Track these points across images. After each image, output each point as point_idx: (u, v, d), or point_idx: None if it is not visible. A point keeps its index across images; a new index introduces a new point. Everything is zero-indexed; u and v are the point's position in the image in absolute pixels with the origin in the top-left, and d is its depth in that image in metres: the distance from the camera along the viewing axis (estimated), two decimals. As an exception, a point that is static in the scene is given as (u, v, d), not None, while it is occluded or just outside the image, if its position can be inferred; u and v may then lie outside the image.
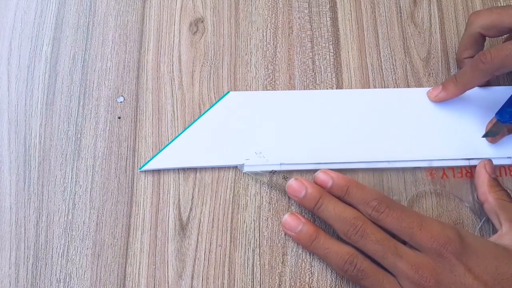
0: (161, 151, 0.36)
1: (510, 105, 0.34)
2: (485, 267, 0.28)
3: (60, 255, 0.34)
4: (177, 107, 0.37)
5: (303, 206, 0.34)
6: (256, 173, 0.35)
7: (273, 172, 0.35)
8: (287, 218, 0.33)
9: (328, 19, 0.40)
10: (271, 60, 0.39)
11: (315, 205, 0.32)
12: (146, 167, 0.35)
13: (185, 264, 0.33)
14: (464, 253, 0.28)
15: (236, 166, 0.36)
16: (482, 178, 0.34)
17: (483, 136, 0.35)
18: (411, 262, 0.29)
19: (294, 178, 0.34)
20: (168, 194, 0.35)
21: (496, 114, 0.34)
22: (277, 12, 0.40)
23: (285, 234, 0.34)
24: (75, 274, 0.33)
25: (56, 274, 0.33)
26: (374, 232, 0.30)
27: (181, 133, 0.36)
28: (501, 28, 0.34)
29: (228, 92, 0.38)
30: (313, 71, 0.39)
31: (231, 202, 0.35)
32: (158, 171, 0.35)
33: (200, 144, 0.36)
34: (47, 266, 0.33)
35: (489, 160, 0.34)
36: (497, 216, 0.32)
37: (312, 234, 0.32)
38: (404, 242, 0.30)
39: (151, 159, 0.35)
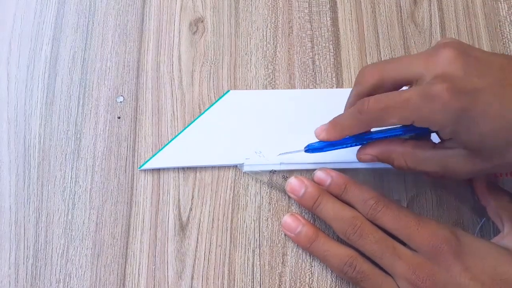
0: (160, 150, 0.36)
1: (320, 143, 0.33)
2: (482, 267, 0.28)
3: (60, 255, 0.34)
4: (177, 107, 0.37)
5: (301, 205, 0.34)
6: (256, 173, 0.35)
7: (273, 172, 0.35)
8: (286, 219, 0.33)
9: (328, 18, 0.40)
10: (271, 60, 0.39)
11: (313, 204, 0.32)
12: (145, 166, 0.35)
13: (185, 264, 0.33)
14: (461, 253, 0.28)
15: (236, 166, 0.35)
16: (481, 183, 0.34)
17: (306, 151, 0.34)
18: (408, 262, 0.29)
19: (294, 177, 0.34)
20: (168, 194, 0.35)
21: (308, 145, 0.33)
22: (277, 11, 0.40)
23: (285, 235, 0.34)
24: (74, 274, 0.33)
25: (55, 274, 0.33)
26: (373, 232, 0.30)
27: (180, 132, 0.36)
28: (387, 86, 0.29)
29: (228, 91, 0.38)
30: (313, 71, 0.39)
31: (231, 202, 0.35)
32: (158, 171, 0.35)
33: (200, 143, 0.36)
34: (47, 266, 0.33)
35: None
36: (499, 218, 0.32)
37: (311, 235, 0.32)
38: (402, 243, 0.30)
39: (150, 158, 0.35)
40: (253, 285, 0.33)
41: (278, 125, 0.36)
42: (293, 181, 0.33)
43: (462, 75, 0.25)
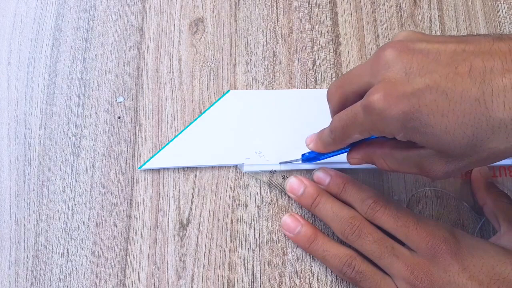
0: (161, 150, 0.36)
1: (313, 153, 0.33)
2: (480, 267, 0.28)
3: (60, 255, 0.34)
4: (177, 107, 0.37)
5: (300, 204, 0.34)
6: (256, 173, 0.35)
7: (273, 172, 0.35)
8: (286, 219, 0.33)
9: (328, 19, 0.40)
10: (271, 60, 0.39)
11: (312, 203, 0.32)
12: (146, 166, 0.35)
13: (185, 264, 0.33)
14: (459, 252, 0.28)
15: (236, 166, 0.35)
16: (479, 183, 0.34)
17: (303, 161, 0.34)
18: (406, 262, 0.29)
19: (293, 176, 0.34)
20: (168, 194, 0.35)
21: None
22: (277, 12, 0.40)
23: (285, 235, 0.34)
24: (75, 274, 0.33)
25: (56, 274, 0.33)
26: (371, 232, 0.30)
27: (181, 132, 0.36)
28: (352, 100, 0.28)
29: (228, 91, 0.38)
30: (313, 71, 0.39)
31: (231, 202, 0.35)
32: (158, 171, 0.35)
33: (200, 143, 0.36)
34: (47, 266, 0.33)
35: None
36: (496, 218, 0.32)
37: (310, 236, 0.32)
38: (401, 243, 0.30)
39: (151, 158, 0.35)
40: (253, 285, 0.33)
41: (278, 125, 0.36)
42: (292, 181, 0.33)
43: (403, 77, 0.24)
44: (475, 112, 0.22)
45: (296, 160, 0.35)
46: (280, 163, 0.35)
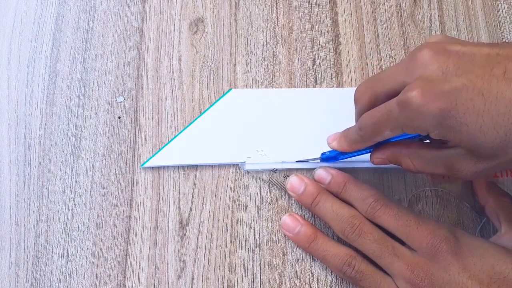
0: (163, 148, 0.36)
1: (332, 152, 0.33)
2: (481, 266, 0.28)
3: (60, 255, 0.34)
4: (177, 107, 0.37)
5: (300, 203, 0.34)
6: (257, 171, 0.35)
7: (274, 171, 0.35)
8: (285, 219, 0.33)
9: (328, 18, 0.40)
10: (271, 60, 0.39)
11: (312, 202, 0.32)
12: (147, 164, 0.35)
13: (185, 264, 0.33)
14: (459, 252, 0.28)
15: (237, 164, 0.35)
16: (480, 182, 0.34)
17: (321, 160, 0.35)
18: (407, 262, 0.29)
19: (294, 175, 0.34)
20: (168, 194, 0.35)
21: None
22: (277, 11, 0.40)
23: (285, 235, 0.34)
24: (75, 274, 0.33)
25: (56, 274, 0.33)
26: (372, 231, 0.30)
27: (182, 130, 0.36)
28: (382, 100, 0.28)
29: (231, 89, 0.38)
30: (313, 71, 0.39)
31: (231, 202, 0.35)
32: (158, 171, 0.35)
33: (202, 141, 0.36)
34: (47, 266, 0.33)
35: None
36: (497, 217, 0.32)
37: (310, 235, 0.32)
38: (401, 242, 0.30)
39: (152, 155, 0.35)
40: (253, 285, 0.33)
41: (280, 124, 0.36)
42: (293, 179, 0.33)
43: (440, 76, 0.24)
44: (509, 113, 0.23)
45: (314, 159, 0.35)
46: (297, 161, 0.35)
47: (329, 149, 0.32)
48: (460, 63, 0.24)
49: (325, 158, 0.34)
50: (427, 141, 0.30)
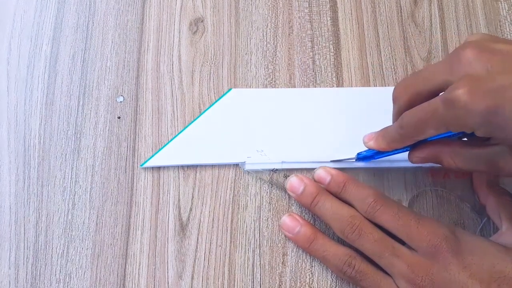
0: (163, 147, 0.36)
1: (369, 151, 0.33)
2: (481, 265, 0.28)
3: (60, 255, 0.34)
4: (177, 107, 0.37)
5: (300, 203, 0.34)
6: (257, 171, 0.35)
7: (274, 171, 0.35)
8: (285, 219, 0.33)
9: (329, 18, 0.40)
10: (271, 59, 0.39)
11: (311, 202, 0.32)
12: (147, 164, 0.35)
13: (185, 264, 0.33)
14: (460, 251, 0.28)
15: (237, 164, 0.35)
16: (480, 181, 0.34)
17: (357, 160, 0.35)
18: (407, 261, 0.29)
19: (294, 175, 0.34)
20: (168, 194, 0.35)
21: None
22: (277, 11, 0.40)
23: (285, 235, 0.34)
24: (75, 274, 0.33)
25: (55, 274, 0.33)
26: (372, 231, 0.30)
27: (182, 130, 0.36)
28: (423, 98, 0.28)
29: (231, 89, 0.38)
30: (313, 71, 0.39)
31: (231, 202, 0.35)
32: (158, 171, 0.35)
33: (202, 141, 0.36)
34: (47, 266, 0.33)
35: None
36: (498, 215, 0.32)
37: (310, 236, 0.32)
38: (401, 241, 0.30)
39: (152, 155, 0.35)
40: (253, 285, 0.33)
41: (280, 124, 0.36)
42: (293, 179, 0.33)
43: (485, 74, 0.25)
44: None
45: (349, 159, 0.35)
46: (332, 161, 0.35)
47: (365, 148, 0.32)
48: (504, 61, 0.25)
49: (361, 157, 0.34)
50: (465, 138, 0.30)
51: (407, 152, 0.32)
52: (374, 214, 0.30)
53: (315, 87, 0.38)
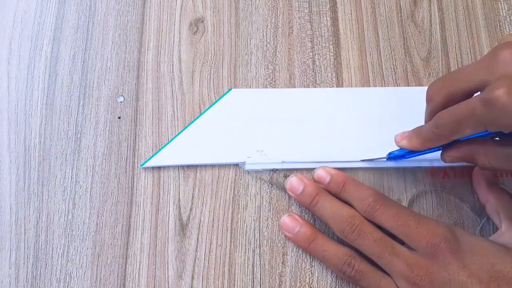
0: (162, 148, 0.36)
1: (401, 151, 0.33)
2: (481, 265, 0.28)
3: (60, 255, 0.34)
4: (177, 107, 0.37)
5: (300, 203, 0.34)
6: (257, 171, 0.35)
7: (274, 171, 0.35)
8: (285, 219, 0.33)
9: (328, 18, 0.40)
10: (271, 60, 0.39)
11: (311, 202, 0.32)
12: (147, 164, 0.35)
13: (185, 264, 0.33)
14: (459, 251, 0.28)
15: (237, 164, 0.35)
16: (480, 181, 0.34)
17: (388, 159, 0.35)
18: (407, 261, 0.29)
19: (294, 175, 0.34)
20: (168, 194, 0.35)
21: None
22: (277, 12, 0.40)
23: (284, 235, 0.34)
24: (75, 274, 0.33)
25: (56, 274, 0.33)
26: (371, 231, 0.30)
27: (182, 130, 0.36)
28: (458, 98, 0.28)
29: (231, 89, 0.38)
30: (313, 71, 0.39)
31: (231, 202, 0.35)
32: (158, 171, 0.35)
33: (202, 141, 0.36)
34: (47, 266, 0.33)
35: None
36: (498, 215, 0.32)
37: (309, 235, 0.32)
38: (400, 241, 0.30)
39: (152, 155, 0.35)
40: (253, 285, 0.33)
41: (280, 124, 0.36)
42: (292, 179, 0.34)
43: None
44: None
45: (380, 159, 0.35)
46: (362, 160, 0.35)
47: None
48: None
49: (392, 157, 0.34)
50: (497, 138, 0.30)
51: (432, 153, 0.31)
52: (374, 214, 0.30)
53: (315, 87, 0.38)
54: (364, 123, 0.37)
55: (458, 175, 0.35)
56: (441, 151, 0.31)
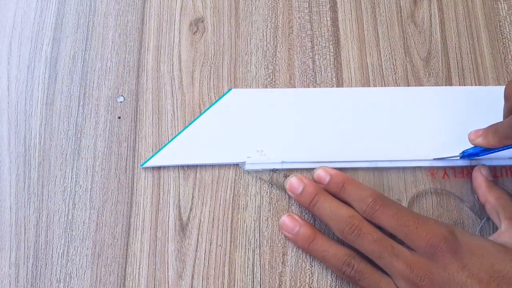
0: (162, 148, 0.36)
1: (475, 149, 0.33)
2: (480, 265, 0.28)
3: (60, 255, 0.34)
4: (177, 107, 0.37)
5: (299, 203, 0.34)
6: (257, 171, 0.35)
7: (274, 171, 0.35)
8: (284, 219, 0.33)
9: (328, 18, 0.40)
10: (271, 60, 0.39)
11: (310, 202, 0.32)
12: (147, 164, 0.35)
13: (185, 264, 0.33)
14: (459, 251, 0.28)
15: (237, 164, 0.36)
16: (480, 181, 0.34)
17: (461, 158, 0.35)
18: (406, 261, 0.29)
19: (294, 175, 0.34)
20: (168, 194, 0.35)
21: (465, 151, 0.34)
22: (277, 12, 0.40)
23: (284, 235, 0.34)
24: (75, 274, 0.33)
25: (56, 274, 0.33)
26: (371, 231, 0.30)
27: (182, 130, 0.36)
28: None
29: (230, 89, 0.38)
30: (313, 71, 0.39)
31: (231, 202, 0.35)
32: (158, 171, 0.35)
33: (202, 141, 0.36)
34: (47, 266, 0.33)
35: (483, 165, 0.35)
36: (497, 215, 0.32)
37: (309, 236, 0.32)
38: (400, 241, 0.30)
39: (153, 155, 0.36)
40: (253, 285, 0.33)
41: (280, 124, 0.36)
42: (292, 179, 0.34)
43: None
44: None
45: (453, 157, 0.35)
46: (435, 159, 0.35)
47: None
48: None
49: (467, 155, 0.34)
50: None
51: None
52: (373, 214, 0.30)
53: (315, 87, 0.38)
54: (364, 123, 0.37)
55: (458, 175, 0.35)
56: None
